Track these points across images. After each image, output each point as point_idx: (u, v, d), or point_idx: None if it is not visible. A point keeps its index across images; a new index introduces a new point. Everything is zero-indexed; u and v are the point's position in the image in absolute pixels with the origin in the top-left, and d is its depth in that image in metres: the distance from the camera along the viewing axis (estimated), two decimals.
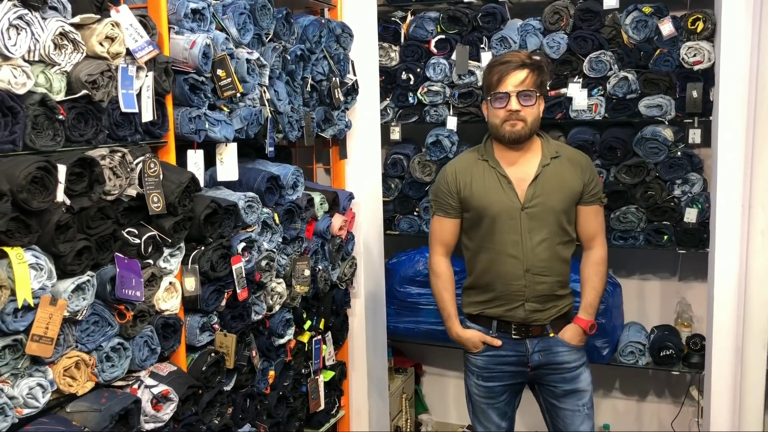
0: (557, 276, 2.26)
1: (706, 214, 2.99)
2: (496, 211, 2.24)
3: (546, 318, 2.28)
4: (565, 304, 2.32)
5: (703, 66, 2.89)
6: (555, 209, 2.23)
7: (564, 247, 2.28)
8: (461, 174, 2.31)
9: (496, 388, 2.35)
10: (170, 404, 1.94)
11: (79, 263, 1.70)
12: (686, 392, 3.32)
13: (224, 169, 2.27)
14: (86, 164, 1.70)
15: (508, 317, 2.28)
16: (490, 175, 2.27)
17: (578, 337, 2.29)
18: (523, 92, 2.16)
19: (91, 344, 1.76)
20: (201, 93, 2.10)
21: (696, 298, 3.33)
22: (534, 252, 2.22)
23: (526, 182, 2.23)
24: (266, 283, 2.41)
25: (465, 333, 2.36)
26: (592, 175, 2.30)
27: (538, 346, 2.29)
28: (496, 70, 2.20)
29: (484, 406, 2.39)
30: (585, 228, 2.33)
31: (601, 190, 2.34)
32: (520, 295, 2.25)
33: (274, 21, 2.43)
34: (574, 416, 2.31)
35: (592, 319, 2.32)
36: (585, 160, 2.32)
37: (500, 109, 2.19)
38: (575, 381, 2.30)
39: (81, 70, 1.70)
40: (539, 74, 2.20)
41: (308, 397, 2.75)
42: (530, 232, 2.22)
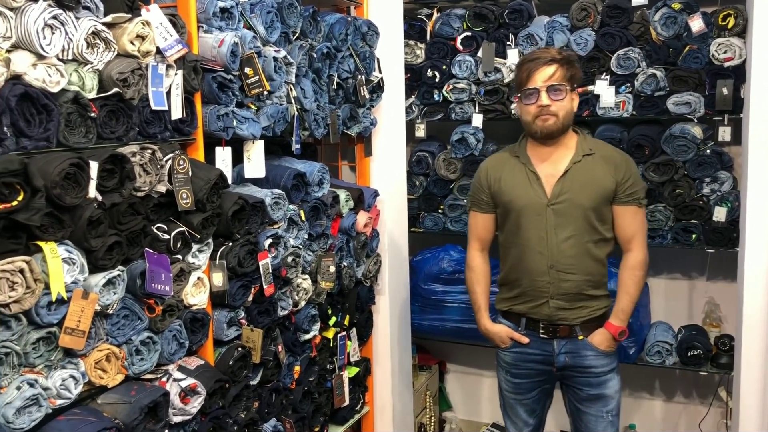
0: (585, 275, 2.23)
1: (735, 213, 2.95)
2: (521, 205, 2.24)
3: (575, 318, 2.25)
4: (598, 305, 2.27)
5: (734, 63, 2.85)
6: (583, 206, 2.20)
7: (595, 246, 2.23)
8: (493, 170, 2.34)
9: (524, 384, 2.36)
10: (198, 398, 1.97)
11: (110, 258, 1.74)
12: (714, 393, 3.28)
13: (251, 166, 2.30)
14: (117, 161, 1.73)
15: (534, 314, 2.27)
16: (520, 171, 2.27)
17: (607, 342, 2.25)
18: (552, 87, 2.15)
19: (121, 337, 1.79)
20: (229, 91, 2.12)
21: (725, 297, 3.28)
22: (559, 248, 2.21)
23: (555, 178, 2.22)
24: (292, 279, 2.43)
25: (493, 327, 2.37)
26: (627, 174, 2.23)
27: (566, 347, 2.27)
28: (525, 67, 2.20)
29: (513, 402, 2.39)
30: (621, 229, 2.26)
31: (640, 191, 2.26)
32: (544, 291, 2.24)
33: (300, 19, 2.45)
34: (597, 422, 2.29)
35: (623, 325, 2.25)
36: (620, 158, 2.26)
37: (531, 105, 2.18)
38: (601, 386, 2.27)
39: (112, 68, 1.73)
40: (569, 69, 2.19)
41: (333, 393, 2.77)
42: (556, 228, 2.21)
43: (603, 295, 2.29)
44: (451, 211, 3.49)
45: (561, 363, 2.28)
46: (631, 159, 2.30)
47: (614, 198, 2.24)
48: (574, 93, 2.23)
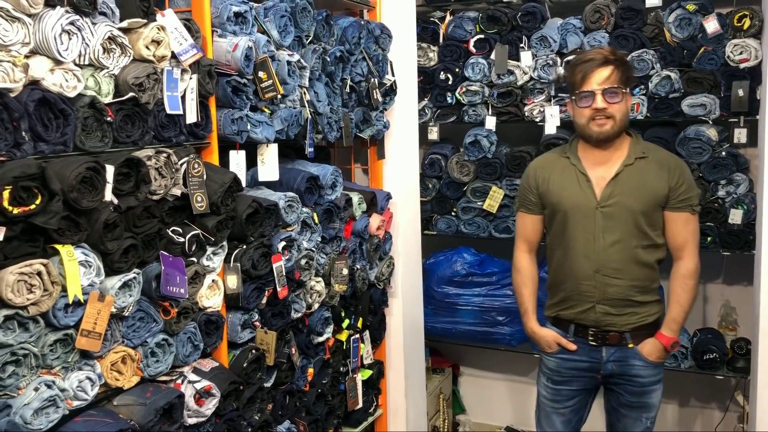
0: (632, 280, 2.18)
1: (752, 215, 2.93)
2: (568, 207, 2.21)
3: (624, 324, 2.20)
4: (648, 312, 2.23)
5: (749, 64, 2.83)
6: (633, 210, 2.16)
7: (645, 251, 2.19)
8: (541, 170, 2.31)
9: (563, 391, 2.33)
10: (212, 399, 1.98)
11: (126, 261, 1.75)
12: (731, 397, 3.25)
13: (265, 170, 2.31)
14: (133, 165, 1.75)
15: (582, 320, 2.24)
16: (570, 172, 2.24)
17: (657, 353, 2.21)
18: (608, 89, 2.11)
19: (136, 340, 1.81)
20: (243, 95, 2.14)
21: (741, 301, 3.25)
22: (606, 252, 2.17)
23: (606, 180, 2.19)
24: (305, 282, 2.44)
25: (540, 331, 2.34)
26: (681, 180, 2.18)
27: (614, 355, 2.23)
28: (579, 68, 2.16)
29: (550, 410, 2.37)
30: (672, 236, 2.21)
31: (694, 198, 2.20)
32: (590, 296, 2.20)
33: (314, 23, 2.46)
34: (635, 425, 2.28)
35: (675, 336, 2.22)
36: (675, 163, 2.21)
37: (586, 108, 2.14)
38: (645, 396, 2.25)
39: (128, 73, 1.75)
40: (624, 70, 2.15)
41: (346, 395, 2.78)
42: (604, 231, 2.17)
43: (653, 300, 2.24)
44: (464, 213, 3.49)
45: (608, 371, 2.25)
46: (685, 164, 2.25)
47: (666, 203, 2.19)
48: (629, 95, 2.18)
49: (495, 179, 3.38)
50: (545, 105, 3.22)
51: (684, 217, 2.20)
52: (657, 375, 2.25)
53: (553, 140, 3.18)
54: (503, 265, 3.46)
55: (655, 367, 2.23)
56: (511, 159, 3.33)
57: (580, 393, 2.33)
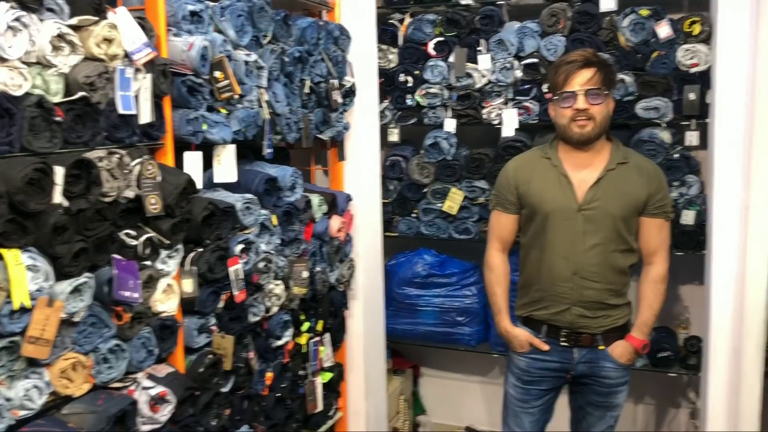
0: (608, 284, 2.21)
1: (703, 216, 3.00)
2: (550, 209, 2.22)
3: (597, 327, 2.23)
4: (620, 315, 2.26)
5: (700, 68, 2.89)
6: (614, 215, 2.18)
7: (621, 255, 2.22)
8: (521, 170, 2.32)
9: (533, 391, 2.35)
10: (167, 406, 1.94)
11: (77, 265, 1.70)
12: (683, 394, 3.33)
13: (222, 171, 2.28)
14: (84, 166, 1.70)
15: (555, 321, 2.26)
16: (551, 173, 2.25)
17: (627, 355, 2.25)
18: (590, 91, 2.13)
19: (88, 346, 1.76)
20: (199, 95, 2.10)
21: (693, 300, 3.33)
22: (585, 256, 2.19)
23: (588, 184, 2.20)
24: (264, 285, 2.41)
25: (513, 330, 2.35)
26: (659, 187, 2.23)
27: (586, 357, 2.26)
28: (562, 69, 2.17)
29: (519, 410, 2.38)
30: (646, 241, 2.25)
31: (669, 204, 2.26)
32: (566, 298, 2.22)
33: (272, 23, 2.44)
34: (600, 422, 2.32)
35: (645, 338, 2.26)
36: (654, 170, 2.25)
37: (567, 108, 2.16)
38: (612, 396, 2.29)
39: (78, 71, 1.70)
40: (607, 72, 2.17)
41: (306, 399, 2.76)
42: (584, 234, 2.19)
43: (624, 303, 2.28)
44: (425, 215, 3.49)
45: (579, 372, 2.28)
46: (662, 172, 2.29)
47: (644, 209, 2.22)
48: (611, 97, 2.21)
49: (455, 181, 3.40)
50: (503, 108, 3.24)
51: (659, 224, 2.24)
52: (625, 377, 2.29)
53: (510, 143, 3.21)
54: (463, 266, 3.48)
55: (624, 368, 2.28)
56: (471, 161, 3.35)
57: (549, 392, 2.36)
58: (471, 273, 3.47)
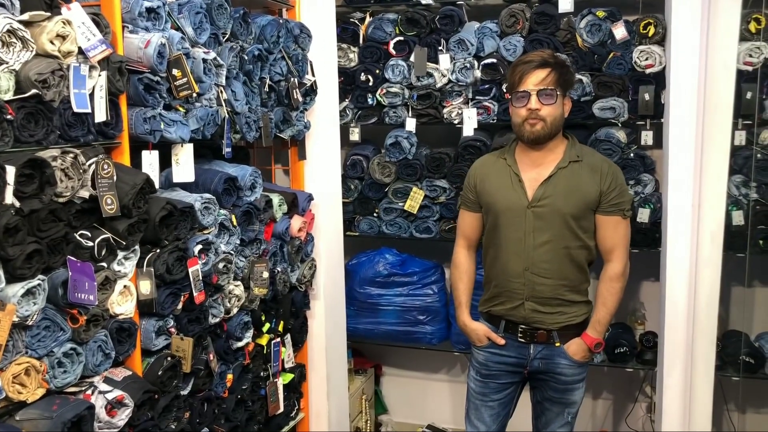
0: (562, 279, 2.24)
1: (658, 214, 3.07)
2: (502, 207, 2.26)
3: (552, 323, 2.26)
4: (577, 312, 2.28)
5: (654, 69, 2.96)
6: (563, 212, 2.21)
7: (575, 252, 2.24)
8: (479, 170, 2.38)
9: (491, 384, 2.38)
10: (125, 410, 1.90)
11: (30, 267, 1.66)
12: (639, 388, 3.40)
13: (180, 170, 2.24)
14: (37, 165, 1.66)
15: (511, 317, 2.29)
16: (505, 172, 2.29)
17: (582, 353, 2.28)
18: (543, 91, 2.16)
19: (42, 350, 1.71)
20: (156, 93, 2.06)
21: (649, 296, 3.40)
22: (536, 252, 2.22)
23: (538, 182, 2.23)
24: (224, 286, 2.38)
25: (471, 324, 2.39)
26: (613, 185, 2.23)
27: (541, 353, 2.29)
28: (518, 69, 2.20)
29: (479, 403, 2.41)
30: (602, 239, 2.27)
31: (625, 202, 2.26)
32: (519, 293, 2.26)
33: (231, 20, 2.41)
34: (557, 419, 2.35)
35: (599, 337, 2.28)
36: (607, 168, 2.26)
37: (521, 108, 2.19)
38: (568, 393, 2.32)
39: (30, 68, 1.66)
40: (562, 73, 2.19)
41: (267, 400, 2.73)
42: (534, 231, 2.22)
43: (582, 301, 2.30)
44: (386, 214, 3.50)
45: (534, 367, 2.31)
46: (618, 169, 2.30)
47: (598, 207, 2.24)
48: (566, 98, 2.24)
49: (416, 180, 3.41)
50: (463, 107, 3.27)
51: (614, 221, 2.26)
52: (581, 374, 2.32)
53: (471, 142, 3.24)
54: (424, 265, 3.49)
55: (580, 366, 2.31)
56: (431, 160, 3.37)
57: (508, 387, 2.39)
58: (432, 272, 3.49)
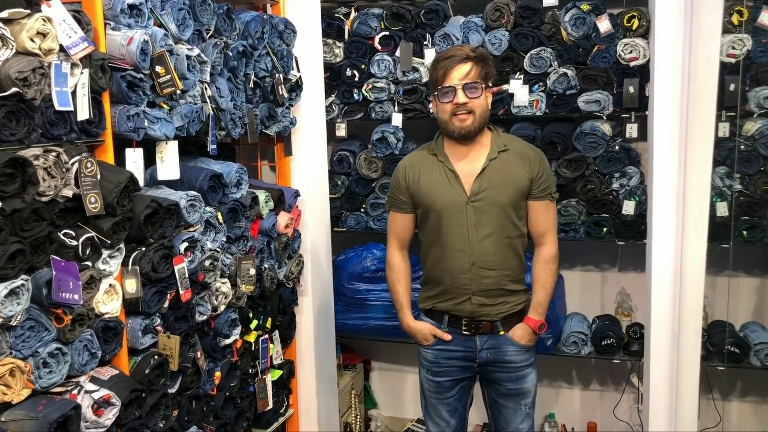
0: (505, 270, 2.26)
1: (643, 206, 3.09)
2: (442, 205, 2.25)
3: (496, 314, 2.28)
4: (517, 300, 2.31)
5: (638, 62, 2.97)
6: (501, 203, 2.23)
7: (514, 241, 2.27)
8: (410, 170, 2.34)
9: (444, 383, 2.38)
10: (112, 409, 1.90)
11: (13, 267, 1.64)
12: (627, 380, 3.43)
13: (165, 168, 2.23)
14: (18, 164, 1.64)
15: (457, 311, 2.30)
16: (438, 169, 2.29)
17: (527, 336, 2.30)
18: (468, 84, 2.17)
19: (26, 350, 1.70)
20: (139, 90, 2.05)
21: (635, 287, 3.43)
22: (480, 245, 2.23)
23: (473, 176, 2.24)
24: (210, 283, 2.37)
25: (416, 324, 2.39)
26: (541, 170, 2.27)
27: (487, 343, 2.30)
28: (440, 65, 2.21)
29: (435, 401, 2.41)
30: (535, 224, 2.31)
31: (552, 186, 2.31)
32: (466, 288, 2.26)
33: (214, 17, 2.40)
34: (515, 414, 2.35)
35: (541, 318, 2.31)
36: (534, 154, 2.29)
37: (448, 103, 2.19)
38: (521, 381, 2.32)
39: (11, 66, 1.64)
40: (483, 66, 2.21)
41: (256, 397, 2.73)
42: (476, 225, 2.23)
43: (522, 289, 2.33)
44: (373, 209, 3.50)
45: (483, 359, 2.32)
46: (543, 154, 2.34)
47: (529, 193, 2.28)
48: (488, 90, 2.25)
49: None
50: None
51: (545, 205, 2.30)
52: (529, 359, 2.34)
53: None
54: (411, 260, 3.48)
55: (527, 351, 2.32)
56: None
57: (461, 382, 2.39)
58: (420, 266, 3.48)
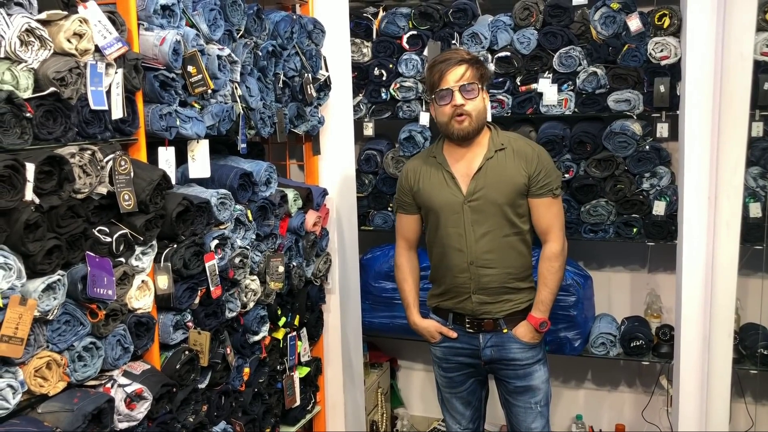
0: (506, 268, 2.27)
1: (673, 206, 3.05)
2: (440, 205, 2.29)
3: (499, 312, 2.29)
4: (522, 299, 2.31)
5: (669, 61, 2.94)
6: (497, 202, 2.24)
7: (514, 239, 2.28)
8: (413, 172, 2.39)
9: (456, 378, 2.42)
10: (144, 403, 1.93)
11: (50, 262, 1.69)
12: (656, 382, 3.39)
13: (196, 166, 2.26)
14: (55, 162, 1.68)
15: (459, 309, 2.33)
16: (437, 171, 2.32)
17: (530, 334, 2.30)
18: (465, 86, 2.20)
19: (62, 344, 1.74)
20: (172, 90, 2.08)
21: (665, 289, 3.39)
22: (477, 245, 2.25)
23: (470, 176, 2.27)
24: (240, 280, 2.40)
25: (422, 322, 2.42)
26: (539, 167, 2.25)
27: (491, 341, 2.31)
28: (436, 69, 2.24)
29: (448, 395, 2.46)
30: (537, 221, 2.31)
31: (553, 182, 2.28)
32: (465, 287, 2.29)
33: (245, 17, 2.43)
34: (527, 413, 2.34)
35: (544, 316, 2.30)
36: (531, 152, 2.28)
37: (445, 105, 2.22)
38: (528, 378, 2.32)
39: (49, 67, 1.68)
40: (479, 68, 2.24)
41: (284, 394, 2.76)
42: (473, 224, 2.25)
43: (527, 287, 2.33)
44: None
45: (487, 356, 2.33)
46: (543, 151, 2.33)
47: (528, 191, 2.27)
48: (485, 92, 2.27)
49: None
50: None
51: (546, 202, 2.29)
52: (536, 356, 2.33)
53: None
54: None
55: (532, 348, 2.32)
56: None
57: (471, 377, 2.41)
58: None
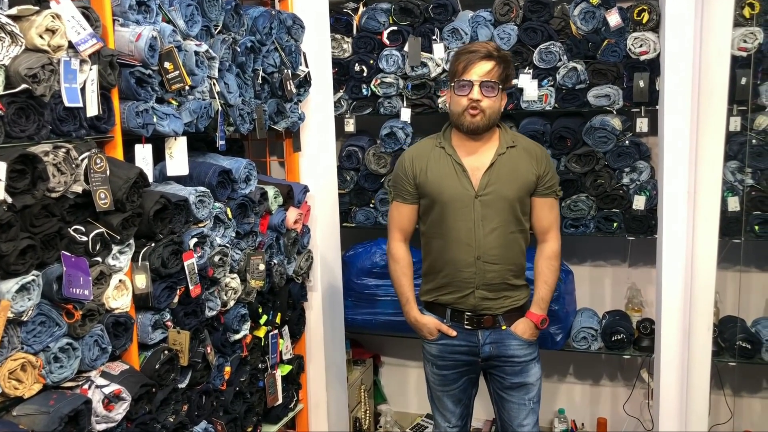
0: (509, 265, 2.28)
1: (653, 201, 3.07)
2: (448, 197, 2.26)
3: (498, 308, 2.29)
4: (519, 295, 2.33)
5: (649, 56, 2.95)
6: (508, 198, 2.24)
7: (518, 236, 2.29)
8: (417, 160, 2.34)
9: (450, 375, 2.39)
10: (123, 403, 1.91)
11: (23, 263, 1.66)
12: (637, 375, 3.41)
13: (174, 164, 2.23)
14: (28, 161, 1.65)
15: (459, 305, 2.31)
16: (446, 161, 2.29)
17: (530, 331, 2.31)
18: (486, 82, 2.18)
19: (37, 345, 1.71)
20: (148, 86, 2.06)
21: (645, 283, 3.41)
22: (486, 240, 2.24)
23: (481, 171, 2.25)
24: (220, 279, 2.38)
25: (422, 318, 2.39)
26: (547, 168, 2.30)
27: (490, 338, 2.31)
28: (463, 58, 2.21)
29: (440, 393, 2.43)
30: (539, 220, 2.34)
31: (556, 183, 2.34)
32: (470, 282, 2.27)
33: (222, 12, 2.40)
34: (520, 409, 2.35)
35: (543, 313, 2.33)
36: (541, 152, 2.33)
37: (462, 96, 2.19)
38: (524, 375, 2.33)
39: (20, 63, 1.65)
40: (505, 68, 2.21)
41: (265, 392, 2.74)
42: (483, 220, 2.24)
43: (523, 285, 2.35)
44: (382, 205, 3.49)
45: (486, 353, 2.32)
46: (547, 152, 2.37)
47: (535, 190, 2.30)
48: (504, 93, 2.25)
49: None
50: None
51: (550, 202, 2.33)
52: (533, 354, 2.34)
53: None
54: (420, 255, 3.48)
55: (530, 345, 2.33)
56: None
57: (465, 375, 2.40)
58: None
